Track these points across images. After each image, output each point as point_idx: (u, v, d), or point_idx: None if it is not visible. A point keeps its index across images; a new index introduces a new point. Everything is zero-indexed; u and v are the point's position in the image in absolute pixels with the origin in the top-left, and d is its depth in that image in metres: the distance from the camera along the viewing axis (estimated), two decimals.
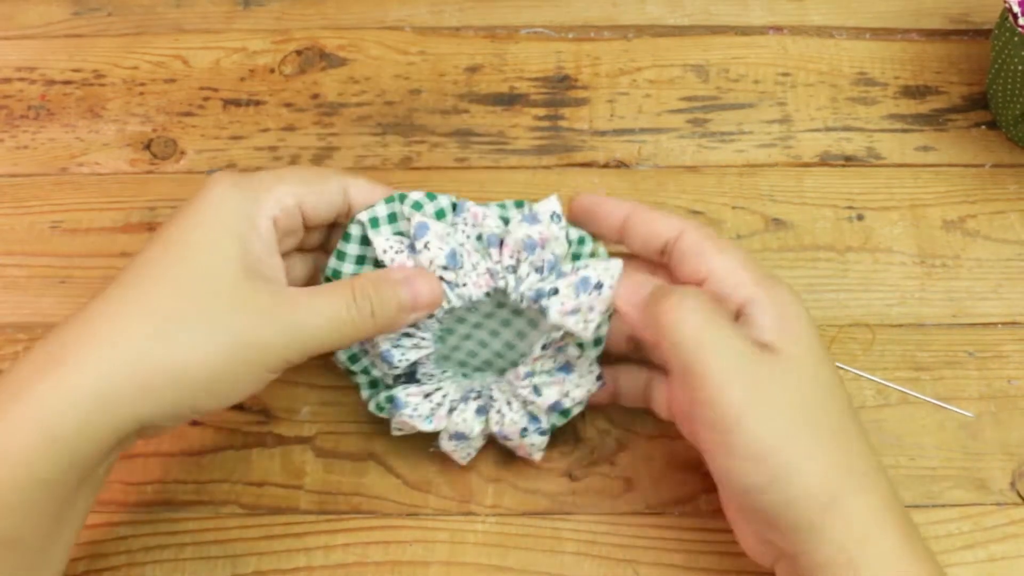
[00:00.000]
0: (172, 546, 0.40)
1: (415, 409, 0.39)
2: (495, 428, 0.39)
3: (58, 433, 0.30)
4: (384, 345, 0.38)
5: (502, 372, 0.41)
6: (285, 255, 0.37)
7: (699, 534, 0.40)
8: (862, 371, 0.44)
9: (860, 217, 0.48)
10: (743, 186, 0.49)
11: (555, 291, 0.36)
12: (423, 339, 0.38)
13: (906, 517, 0.34)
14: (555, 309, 0.36)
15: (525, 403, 0.39)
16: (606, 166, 0.50)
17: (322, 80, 0.53)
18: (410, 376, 0.40)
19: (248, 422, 0.43)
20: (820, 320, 0.45)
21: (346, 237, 0.38)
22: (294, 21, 0.55)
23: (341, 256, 0.38)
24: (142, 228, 0.48)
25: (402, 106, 0.52)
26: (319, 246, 0.41)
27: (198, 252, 0.33)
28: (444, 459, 0.42)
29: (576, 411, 0.40)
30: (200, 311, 0.32)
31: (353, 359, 0.40)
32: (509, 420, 0.39)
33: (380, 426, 0.43)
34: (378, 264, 0.37)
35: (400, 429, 0.40)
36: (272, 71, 0.53)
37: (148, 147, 0.51)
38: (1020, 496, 0.41)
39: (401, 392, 0.39)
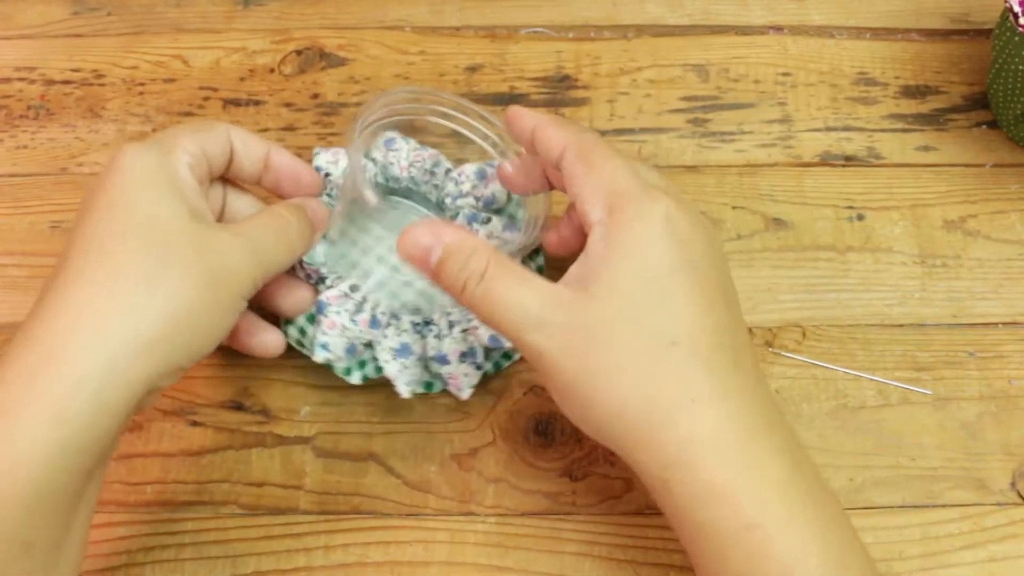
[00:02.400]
0: (172, 546, 0.40)
1: (340, 308, 0.39)
2: (431, 351, 0.40)
3: (71, 419, 0.30)
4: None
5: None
6: None
7: None
8: (861, 371, 0.44)
9: (861, 217, 0.48)
10: (743, 186, 0.49)
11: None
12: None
13: (763, 435, 0.32)
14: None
15: (465, 331, 0.40)
16: None
17: (322, 80, 0.53)
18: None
19: (248, 422, 0.43)
20: (820, 320, 0.45)
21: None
22: (294, 21, 0.55)
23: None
24: None
25: None
26: (215, 206, 0.42)
27: (143, 208, 0.34)
28: (444, 459, 0.42)
29: (515, 357, 0.42)
30: (171, 258, 0.33)
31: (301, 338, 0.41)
32: (449, 342, 0.40)
33: (380, 426, 0.43)
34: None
35: (326, 348, 0.39)
36: (272, 71, 0.53)
37: None
38: (1020, 496, 0.41)
39: (323, 295, 0.40)
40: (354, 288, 0.40)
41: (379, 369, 0.41)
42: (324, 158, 0.44)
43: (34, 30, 0.55)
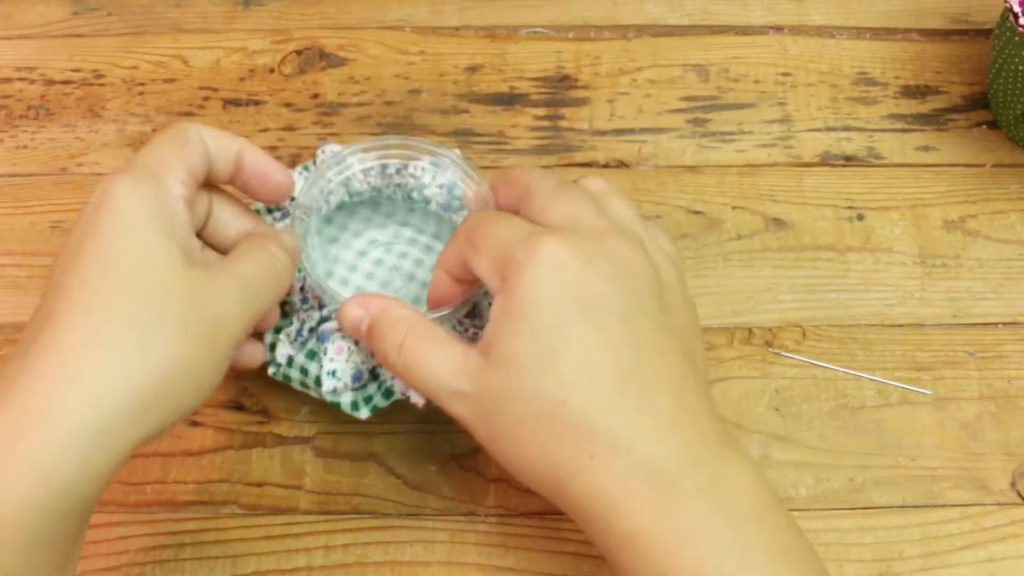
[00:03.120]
0: (171, 546, 0.40)
1: (343, 333, 0.39)
2: None
3: (58, 485, 0.29)
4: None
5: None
6: None
7: None
8: (861, 371, 0.44)
9: (860, 217, 0.48)
10: (743, 186, 0.49)
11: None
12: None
13: (659, 459, 0.31)
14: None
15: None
16: (606, 166, 0.50)
17: (322, 80, 0.53)
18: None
19: (248, 422, 0.43)
20: (820, 320, 0.45)
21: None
22: (294, 21, 0.55)
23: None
24: None
25: (402, 106, 0.52)
26: (203, 213, 0.40)
27: (136, 256, 0.32)
28: (444, 459, 0.42)
29: None
30: (165, 314, 0.31)
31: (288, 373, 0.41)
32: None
33: (380, 426, 0.43)
34: None
35: (334, 376, 0.39)
36: (272, 71, 0.53)
37: None
38: (1021, 496, 0.41)
39: (323, 328, 0.39)
40: None
41: (388, 393, 0.40)
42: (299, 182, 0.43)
43: (34, 30, 0.55)
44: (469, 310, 0.40)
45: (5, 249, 0.48)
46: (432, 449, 0.42)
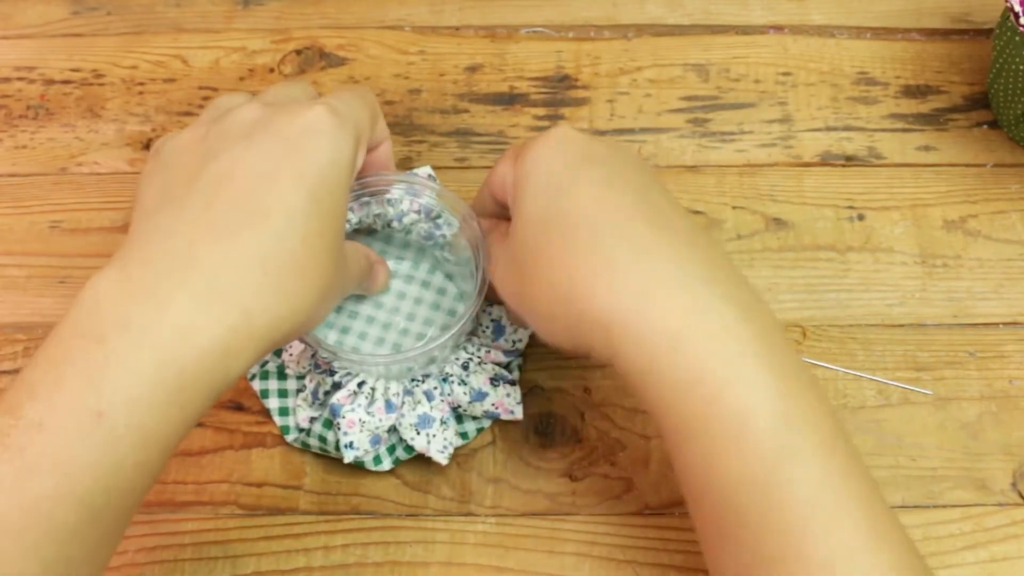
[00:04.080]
0: (171, 547, 0.40)
1: (353, 405, 0.39)
2: (463, 396, 0.40)
3: (177, 388, 0.30)
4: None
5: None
6: None
7: None
8: (862, 371, 0.44)
9: (861, 217, 0.48)
10: (743, 186, 0.49)
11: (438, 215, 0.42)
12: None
13: (693, 290, 0.32)
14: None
15: (479, 361, 0.41)
16: None
17: (322, 80, 0.53)
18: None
19: (248, 422, 0.43)
20: (820, 320, 0.45)
21: None
22: (293, 21, 0.55)
23: None
24: None
25: (402, 106, 0.52)
26: None
27: (318, 207, 0.33)
28: None
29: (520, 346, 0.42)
30: (312, 263, 0.33)
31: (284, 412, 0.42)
32: (475, 377, 0.40)
33: None
34: None
35: (352, 447, 0.40)
36: (272, 71, 0.53)
37: (147, 147, 0.51)
38: (1021, 496, 0.41)
39: (334, 399, 0.39)
40: (362, 384, 0.40)
41: (409, 448, 0.41)
42: None
43: (33, 30, 0.55)
44: (471, 330, 0.41)
45: (4, 249, 0.48)
46: None
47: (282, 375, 0.42)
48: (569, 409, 0.43)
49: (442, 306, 0.44)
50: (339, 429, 0.39)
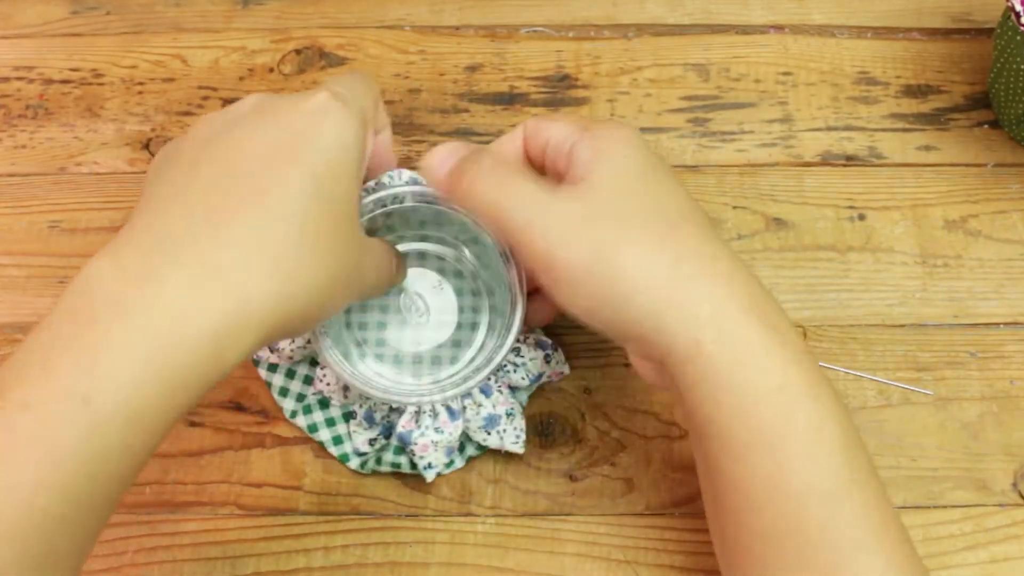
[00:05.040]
0: (171, 547, 0.40)
1: (422, 428, 0.39)
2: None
3: (169, 373, 0.29)
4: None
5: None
6: None
7: (699, 534, 0.40)
8: (862, 372, 0.44)
9: (861, 217, 0.48)
10: (744, 186, 0.49)
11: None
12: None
13: (769, 305, 0.34)
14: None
15: (504, 384, 0.41)
16: None
17: (321, 79, 0.53)
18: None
19: (247, 422, 0.43)
20: (821, 320, 0.45)
21: None
22: (293, 20, 0.55)
23: None
24: None
25: (402, 105, 0.52)
26: None
27: (321, 189, 0.32)
28: None
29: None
30: (316, 247, 0.32)
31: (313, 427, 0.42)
32: (493, 401, 0.40)
33: None
34: None
35: (431, 468, 0.40)
36: (271, 70, 0.53)
37: (147, 147, 0.51)
38: (1022, 497, 0.41)
39: (400, 428, 0.39)
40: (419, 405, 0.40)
41: (481, 446, 0.41)
42: None
43: (33, 29, 0.55)
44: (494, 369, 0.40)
45: (4, 249, 0.48)
46: None
47: (324, 405, 0.42)
48: (569, 409, 0.43)
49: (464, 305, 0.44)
50: (414, 455, 0.39)
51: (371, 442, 0.41)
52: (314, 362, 0.42)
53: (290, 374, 0.42)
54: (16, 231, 0.48)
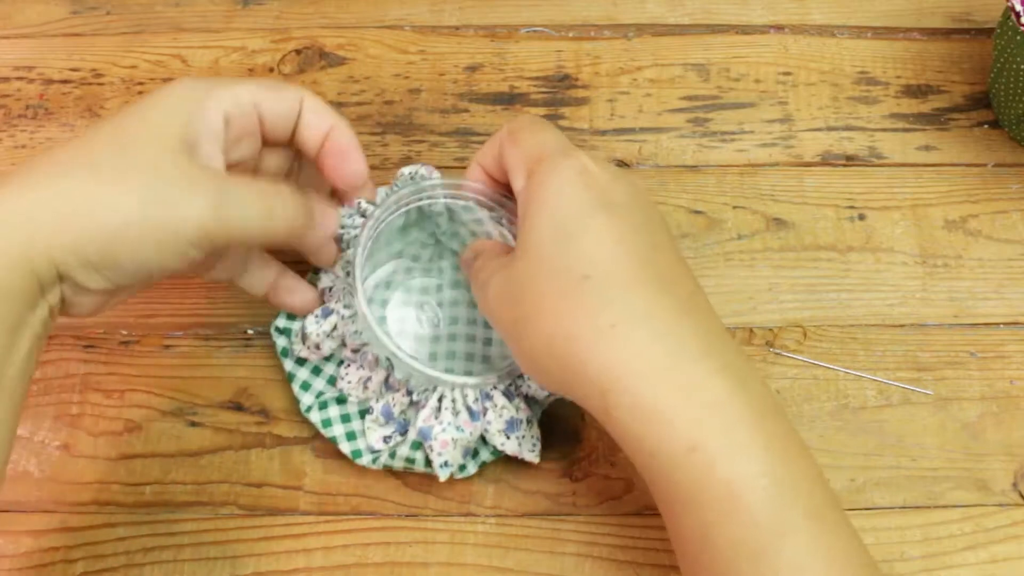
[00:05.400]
0: (171, 547, 0.40)
1: (443, 424, 0.39)
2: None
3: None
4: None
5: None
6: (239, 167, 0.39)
7: None
8: (863, 372, 0.44)
9: (861, 217, 0.48)
10: (744, 185, 0.49)
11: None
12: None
13: (690, 347, 0.32)
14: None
15: (522, 395, 0.40)
16: None
17: (321, 79, 0.53)
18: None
19: (247, 422, 0.43)
20: (821, 320, 0.45)
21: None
22: (293, 20, 0.55)
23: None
24: None
25: (402, 105, 0.52)
26: (278, 172, 0.42)
27: (142, 122, 0.35)
28: None
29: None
30: (127, 167, 0.34)
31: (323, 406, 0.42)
32: (516, 405, 0.40)
33: None
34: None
35: (447, 466, 0.40)
36: (271, 70, 0.53)
37: None
38: (1022, 497, 0.41)
39: (422, 423, 0.39)
40: (441, 398, 0.39)
41: (496, 452, 0.41)
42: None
43: (33, 29, 0.55)
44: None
45: None
46: None
47: (341, 401, 0.42)
48: (569, 409, 0.43)
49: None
50: (432, 451, 0.39)
51: (386, 439, 0.40)
52: (340, 362, 0.42)
53: (316, 371, 0.42)
54: None
